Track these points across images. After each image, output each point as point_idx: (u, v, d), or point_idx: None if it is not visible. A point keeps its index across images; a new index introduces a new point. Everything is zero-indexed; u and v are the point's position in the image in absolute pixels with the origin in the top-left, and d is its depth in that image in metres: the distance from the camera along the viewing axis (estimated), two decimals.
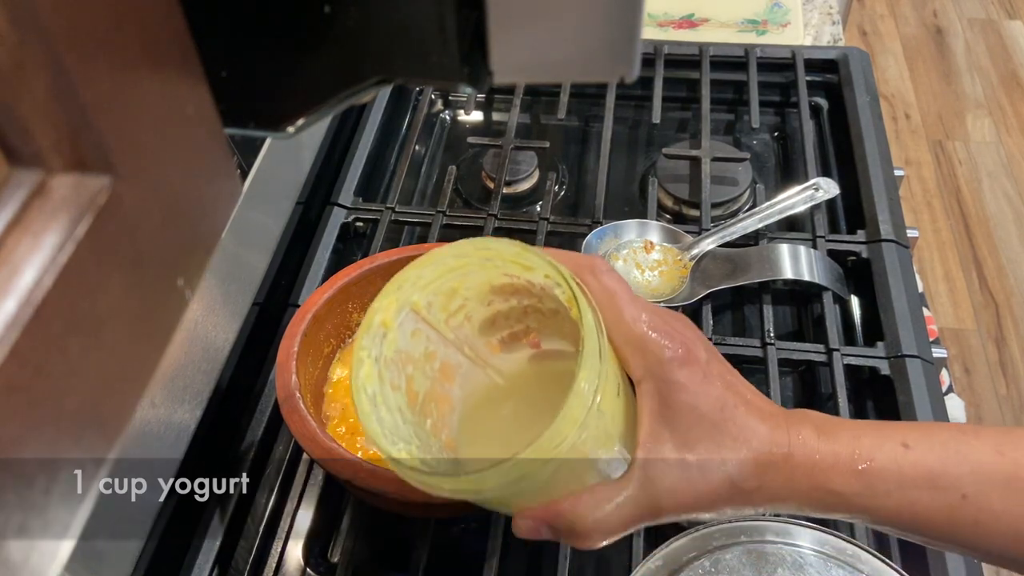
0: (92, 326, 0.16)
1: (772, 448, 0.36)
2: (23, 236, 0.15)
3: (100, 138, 0.16)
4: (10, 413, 0.14)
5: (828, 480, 0.36)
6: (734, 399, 0.37)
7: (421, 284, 0.41)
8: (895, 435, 0.37)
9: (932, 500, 0.36)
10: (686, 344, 0.37)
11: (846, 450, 0.37)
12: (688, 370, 0.37)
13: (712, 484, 0.36)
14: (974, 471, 0.36)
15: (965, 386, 1.68)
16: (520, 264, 0.40)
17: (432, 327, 0.42)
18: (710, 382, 0.37)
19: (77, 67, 0.15)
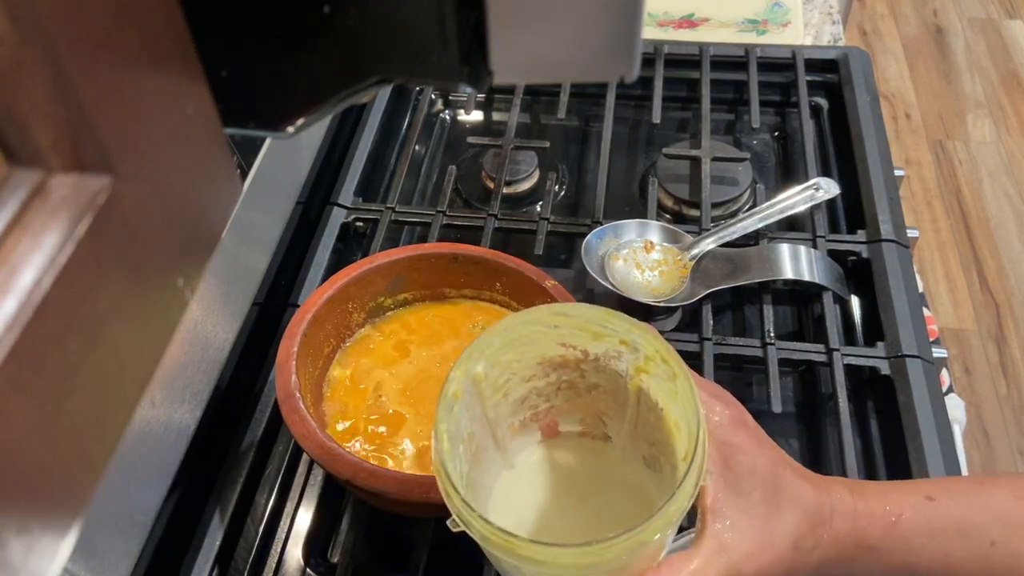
0: (92, 326, 0.16)
1: (820, 506, 0.37)
2: (23, 236, 0.15)
3: (100, 138, 0.16)
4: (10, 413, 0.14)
5: (866, 537, 0.37)
6: (783, 461, 0.38)
7: (488, 352, 0.40)
8: (918, 490, 0.38)
9: (963, 549, 0.37)
10: (737, 408, 0.39)
11: (878, 507, 0.37)
12: (744, 433, 0.38)
13: (781, 547, 0.36)
14: (997, 518, 0.37)
15: (965, 386, 1.68)
16: (591, 331, 0.40)
17: (480, 403, 0.42)
18: (762, 444, 0.38)
19: (77, 67, 0.15)
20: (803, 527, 0.36)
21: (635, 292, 0.70)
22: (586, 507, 0.44)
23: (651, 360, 0.39)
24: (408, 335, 0.65)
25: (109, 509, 0.53)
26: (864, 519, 0.37)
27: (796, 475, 0.38)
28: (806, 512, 0.37)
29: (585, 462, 0.45)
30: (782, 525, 0.36)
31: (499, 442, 0.44)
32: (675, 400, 0.38)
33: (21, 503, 0.15)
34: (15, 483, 0.14)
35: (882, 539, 0.37)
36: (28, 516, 0.15)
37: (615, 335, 0.40)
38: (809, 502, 0.37)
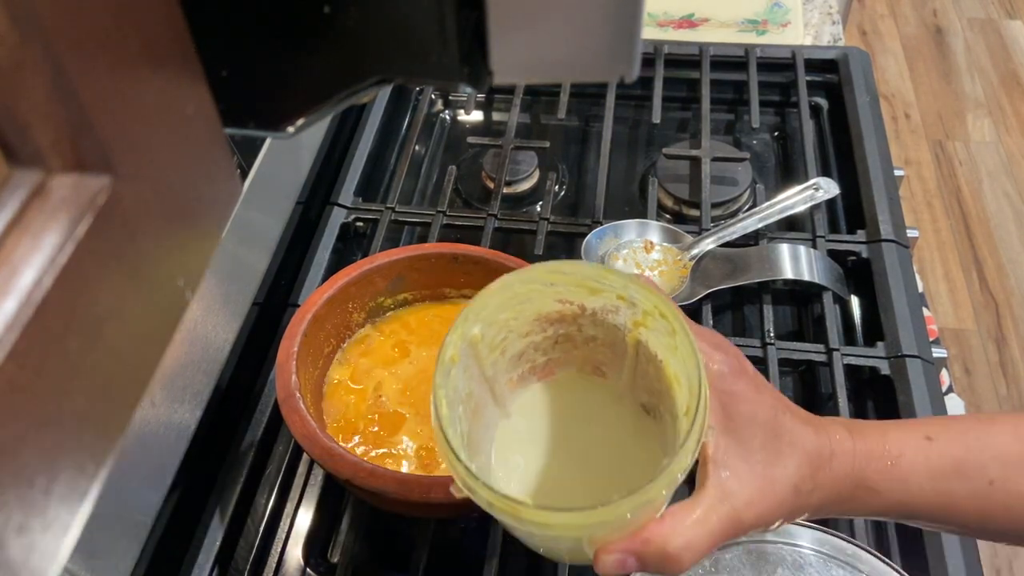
0: (92, 326, 0.16)
1: (820, 449, 0.37)
2: (23, 236, 0.15)
3: (100, 138, 0.16)
4: (10, 413, 0.14)
5: (866, 478, 0.37)
6: (782, 406, 0.38)
7: (484, 314, 0.40)
8: (917, 430, 0.38)
9: (962, 488, 0.37)
10: (737, 356, 0.38)
11: (877, 447, 0.38)
12: (744, 381, 0.37)
13: (781, 492, 0.36)
14: (996, 456, 0.37)
15: (965, 386, 1.68)
16: (588, 286, 0.40)
17: (477, 363, 0.42)
18: (762, 391, 0.38)
19: (77, 67, 0.15)
20: (803, 471, 0.37)
21: None
22: (585, 453, 0.44)
23: (649, 315, 0.39)
24: (408, 335, 0.65)
25: (109, 509, 0.53)
26: (863, 460, 0.37)
27: (796, 419, 0.38)
28: (806, 456, 0.37)
29: (582, 404, 0.45)
30: (782, 470, 0.36)
31: (498, 397, 0.44)
32: (674, 354, 0.38)
33: (22, 503, 0.15)
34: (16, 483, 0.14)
35: (881, 479, 0.37)
36: (29, 516, 0.15)
37: (612, 290, 0.40)
38: (809, 446, 0.37)
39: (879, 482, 0.37)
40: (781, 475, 0.36)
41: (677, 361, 0.38)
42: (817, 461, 0.37)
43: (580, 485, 0.42)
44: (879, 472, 0.37)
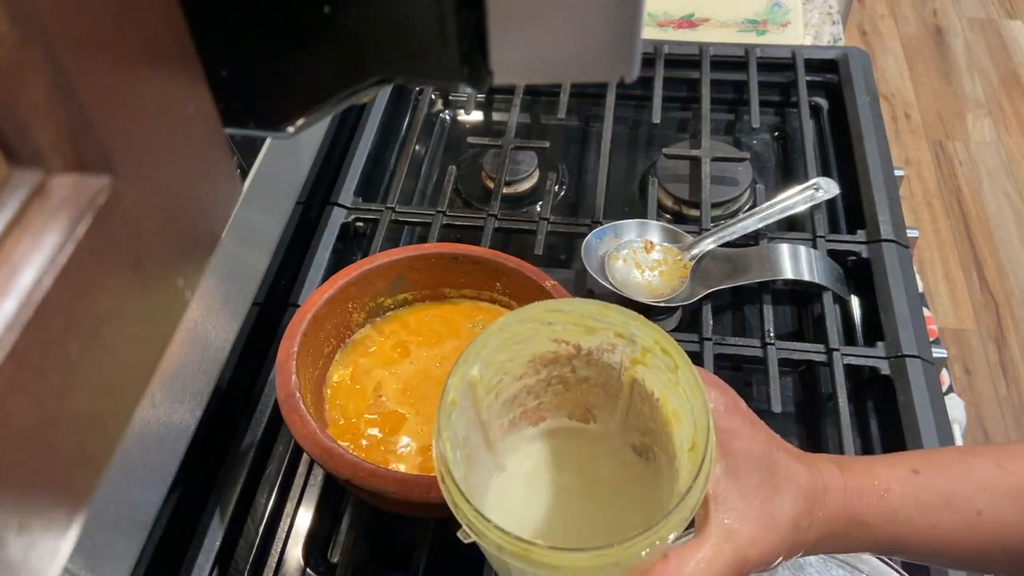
0: (92, 326, 0.16)
1: (814, 485, 0.38)
2: (23, 236, 0.15)
3: (100, 138, 0.16)
4: (10, 413, 0.14)
5: (857, 513, 0.38)
6: (776, 443, 0.39)
7: (484, 354, 0.40)
8: (903, 464, 0.39)
9: (951, 521, 0.37)
10: (731, 394, 0.39)
11: (865, 482, 0.38)
12: (739, 419, 0.38)
13: (782, 529, 0.36)
14: (982, 487, 0.37)
15: (965, 386, 1.68)
16: (585, 325, 0.40)
17: (474, 406, 0.41)
18: (756, 429, 0.38)
19: (77, 67, 0.15)
20: (800, 507, 0.37)
21: (635, 292, 0.70)
22: (579, 497, 0.44)
23: (649, 351, 0.39)
24: (408, 335, 0.65)
25: (109, 509, 0.53)
26: (854, 496, 0.38)
27: (789, 456, 0.39)
28: (802, 492, 0.37)
29: (574, 453, 0.45)
30: (780, 507, 0.36)
31: (490, 443, 0.44)
32: (674, 390, 0.38)
33: (21, 503, 0.15)
34: (15, 483, 0.14)
35: (872, 514, 0.38)
36: (28, 516, 0.15)
37: (610, 328, 0.40)
38: (804, 482, 0.37)
39: (870, 516, 0.38)
40: (780, 512, 0.36)
41: (677, 397, 0.38)
42: (812, 496, 0.37)
43: (576, 529, 0.42)
44: (869, 506, 0.38)
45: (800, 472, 0.38)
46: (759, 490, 0.36)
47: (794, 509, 0.37)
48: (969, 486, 0.38)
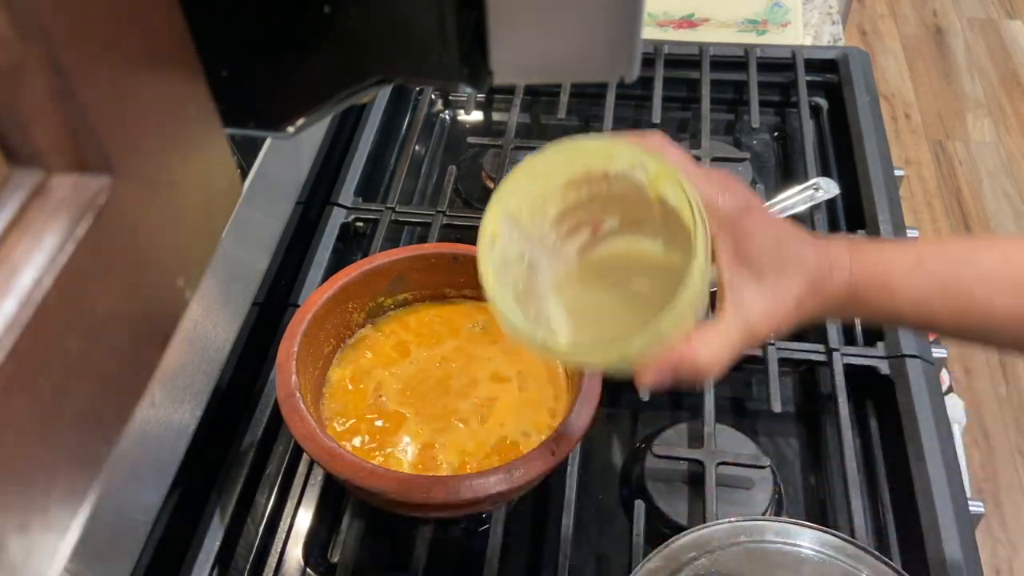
0: (92, 326, 0.16)
1: (820, 268, 0.43)
2: (23, 236, 0.15)
3: (100, 138, 0.16)
4: (10, 413, 0.14)
5: (859, 292, 0.43)
6: (786, 235, 0.44)
7: (516, 191, 0.45)
8: (911, 252, 0.43)
9: (944, 306, 0.42)
10: (746, 196, 0.43)
11: (872, 266, 0.43)
12: (751, 218, 0.43)
13: (787, 306, 0.43)
14: (981, 280, 0.42)
15: (965, 386, 1.68)
16: (603, 155, 0.44)
17: (521, 229, 0.46)
18: (767, 224, 0.43)
19: (77, 67, 0.15)
20: (804, 288, 0.43)
21: None
22: (634, 293, 0.48)
23: (658, 177, 0.43)
24: (408, 335, 0.65)
25: (109, 509, 0.53)
26: (858, 277, 0.43)
27: (800, 243, 0.43)
28: (808, 275, 0.43)
29: (629, 252, 0.49)
30: (787, 288, 0.43)
31: (551, 251, 0.48)
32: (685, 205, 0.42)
33: (22, 503, 0.15)
34: (15, 483, 0.14)
35: (872, 295, 0.43)
36: (29, 516, 0.15)
37: (624, 157, 0.43)
38: (811, 266, 0.43)
39: (870, 297, 0.43)
40: (786, 292, 0.43)
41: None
42: (817, 277, 0.43)
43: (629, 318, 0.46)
44: (870, 288, 0.43)
45: (808, 257, 0.43)
46: (770, 277, 0.42)
47: (799, 289, 0.43)
48: (968, 278, 0.42)
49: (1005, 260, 0.41)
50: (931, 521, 0.58)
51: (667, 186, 0.42)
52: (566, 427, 0.54)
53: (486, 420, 0.59)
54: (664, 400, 0.69)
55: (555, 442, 0.53)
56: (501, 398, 0.60)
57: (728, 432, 0.64)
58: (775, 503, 0.61)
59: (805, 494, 0.64)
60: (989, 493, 1.54)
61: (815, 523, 0.52)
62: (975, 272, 0.42)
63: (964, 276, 0.42)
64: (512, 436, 0.58)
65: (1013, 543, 1.48)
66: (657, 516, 0.60)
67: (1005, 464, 1.58)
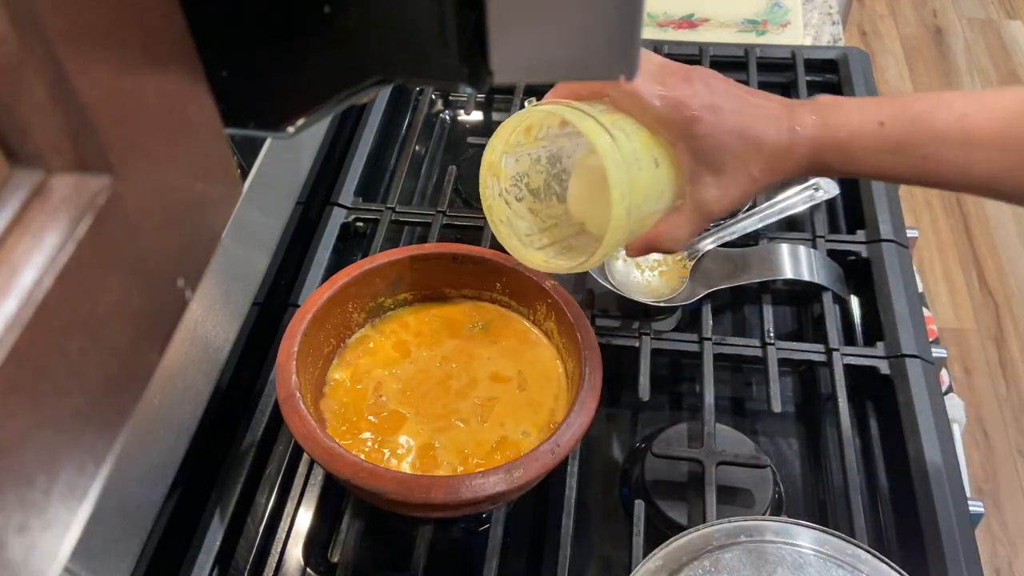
0: (92, 326, 0.16)
1: (778, 148, 0.48)
2: (23, 236, 0.15)
3: (100, 138, 0.16)
4: (10, 413, 0.14)
5: (821, 157, 0.49)
6: (744, 124, 0.48)
7: (505, 137, 0.53)
8: (873, 115, 0.47)
9: (900, 163, 0.47)
10: (697, 105, 0.47)
11: (835, 132, 0.47)
12: (702, 124, 0.47)
13: (740, 186, 0.49)
14: (935, 139, 0.45)
15: (965, 386, 1.68)
16: (553, 118, 0.52)
17: (527, 148, 0.55)
18: (722, 122, 0.47)
19: (77, 67, 0.15)
20: (761, 166, 0.48)
21: (635, 292, 0.70)
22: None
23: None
24: (408, 335, 0.65)
25: (109, 509, 0.53)
26: (821, 145, 0.48)
27: (757, 126, 0.48)
28: (767, 154, 0.48)
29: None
30: (743, 172, 0.48)
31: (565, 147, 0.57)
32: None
33: (22, 503, 0.15)
34: (16, 482, 0.14)
35: (833, 159, 0.48)
36: (29, 515, 0.15)
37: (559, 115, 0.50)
38: (770, 145, 0.48)
39: (831, 160, 0.48)
40: (742, 175, 0.48)
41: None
42: (776, 154, 0.48)
43: None
44: (832, 153, 0.48)
45: (768, 139, 0.48)
46: (724, 166, 0.48)
47: (756, 170, 0.48)
48: (924, 137, 0.45)
49: (958, 119, 0.45)
50: (931, 521, 0.58)
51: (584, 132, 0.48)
52: (566, 427, 0.54)
53: (486, 420, 0.59)
54: (664, 400, 0.69)
55: (556, 442, 0.53)
56: (501, 398, 0.60)
57: (728, 432, 0.64)
58: (775, 503, 0.61)
59: (805, 494, 0.64)
60: (989, 493, 1.54)
61: (815, 523, 0.52)
62: (930, 131, 0.45)
63: (920, 135, 0.45)
64: (512, 436, 0.58)
65: (1013, 543, 1.48)
66: (657, 516, 0.60)
67: (1005, 464, 1.58)
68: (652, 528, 0.59)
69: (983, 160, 0.45)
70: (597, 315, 0.71)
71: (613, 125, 0.48)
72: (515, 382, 0.61)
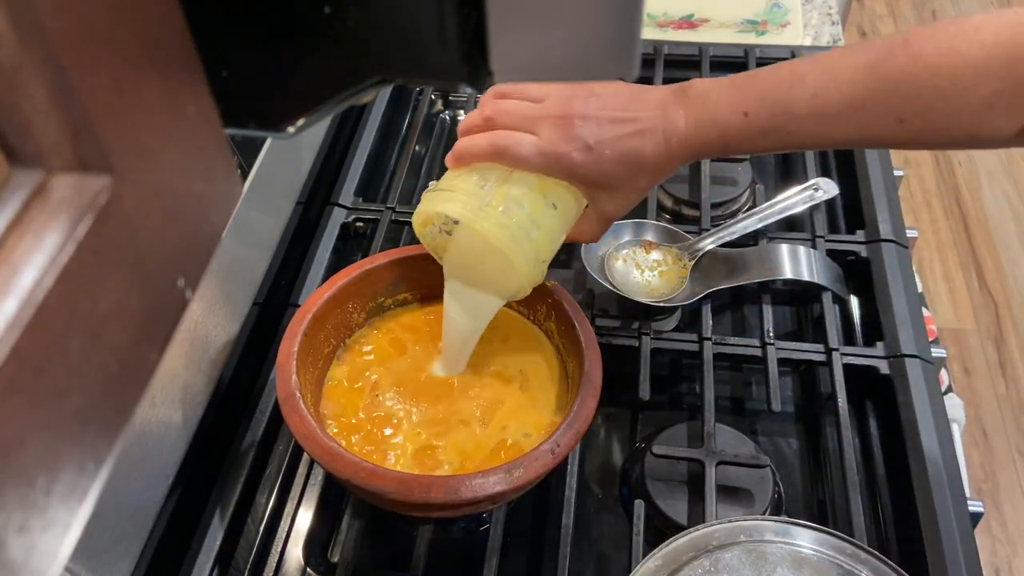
0: (92, 326, 0.16)
1: (658, 160, 0.53)
2: (24, 236, 0.15)
3: (100, 138, 0.16)
4: (10, 413, 0.14)
5: (699, 152, 0.54)
6: (621, 150, 0.53)
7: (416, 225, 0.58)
8: (739, 107, 0.51)
9: (768, 143, 0.52)
10: (575, 152, 0.52)
11: (711, 133, 0.52)
12: (584, 166, 0.53)
13: (634, 195, 0.56)
14: (796, 120, 0.50)
15: (965, 386, 1.68)
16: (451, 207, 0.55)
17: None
18: (602, 158, 0.53)
19: (77, 67, 0.15)
20: (648, 179, 0.55)
21: (635, 292, 0.70)
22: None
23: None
24: (407, 334, 0.65)
25: (109, 509, 0.53)
26: (697, 144, 0.53)
27: (635, 147, 0.53)
28: (650, 170, 0.54)
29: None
30: (632, 185, 0.55)
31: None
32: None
33: (22, 503, 0.15)
34: (16, 483, 0.14)
35: (710, 151, 0.54)
36: (29, 515, 0.15)
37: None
38: (651, 162, 0.53)
39: (710, 151, 0.54)
40: (632, 189, 0.56)
41: None
42: (658, 165, 0.54)
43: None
44: (708, 147, 0.53)
45: (648, 158, 0.53)
46: (614, 188, 0.55)
47: (645, 182, 0.55)
48: (785, 120, 0.50)
49: (811, 98, 0.50)
50: (931, 521, 0.58)
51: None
52: (566, 427, 0.54)
53: (487, 420, 0.59)
54: (664, 400, 0.69)
55: (556, 442, 0.53)
56: (502, 398, 0.60)
57: (728, 432, 0.64)
58: (775, 503, 0.61)
59: (805, 494, 0.64)
60: (988, 493, 1.54)
61: (815, 523, 0.52)
62: (789, 115, 0.50)
63: (781, 120, 0.51)
64: (513, 436, 0.58)
65: (1013, 543, 1.49)
66: (657, 516, 0.60)
67: (1004, 464, 1.58)
68: (652, 528, 0.60)
69: (839, 129, 0.50)
70: (597, 315, 0.71)
71: (507, 198, 0.53)
72: (517, 382, 0.62)
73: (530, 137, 0.53)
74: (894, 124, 0.49)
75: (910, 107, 0.48)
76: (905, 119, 0.49)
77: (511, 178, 0.54)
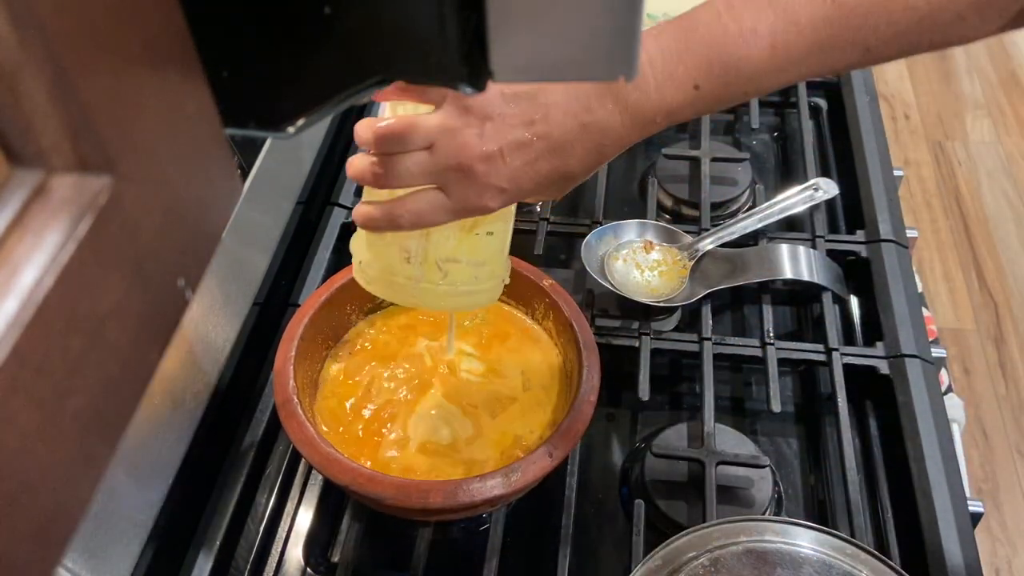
0: (92, 326, 0.16)
1: (587, 165, 0.48)
2: (24, 236, 0.15)
3: (100, 138, 0.16)
4: (11, 413, 0.14)
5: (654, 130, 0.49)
6: (543, 176, 0.47)
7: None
8: (688, 82, 0.47)
9: (720, 107, 0.49)
10: (488, 198, 0.46)
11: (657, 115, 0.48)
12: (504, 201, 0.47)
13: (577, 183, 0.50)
14: (752, 79, 0.47)
15: (964, 386, 1.68)
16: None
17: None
18: (520, 189, 0.47)
19: (77, 67, 0.15)
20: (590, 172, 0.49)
21: (635, 292, 0.70)
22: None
23: None
24: (404, 332, 0.65)
25: (109, 509, 0.53)
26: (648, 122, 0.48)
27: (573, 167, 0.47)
28: (587, 173, 0.49)
29: None
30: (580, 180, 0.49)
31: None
32: None
33: (22, 503, 0.15)
34: (16, 483, 0.14)
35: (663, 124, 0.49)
36: (29, 516, 0.15)
37: None
38: (585, 174, 0.49)
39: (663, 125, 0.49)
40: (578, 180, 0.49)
41: None
42: (592, 168, 0.49)
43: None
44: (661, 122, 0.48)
45: (573, 174, 0.48)
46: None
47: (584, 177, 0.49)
48: (740, 83, 0.47)
49: (769, 49, 0.46)
50: (931, 521, 0.58)
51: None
52: (565, 428, 0.54)
53: (486, 419, 0.59)
54: (664, 400, 0.69)
55: (554, 444, 0.53)
56: (502, 396, 0.60)
57: (728, 432, 0.64)
58: (775, 503, 0.61)
59: (805, 494, 0.64)
60: (988, 493, 1.54)
61: (815, 523, 0.52)
62: (744, 77, 0.47)
63: (735, 83, 0.47)
64: (513, 436, 0.58)
65: (1013, 543, 1.49)
66: (657, 516, 0.60)
67: (1004, 464, 1.58)
68: (652, 528, 0.59)
69: (799, 74, 0.47)
70: (597, 315, 0.71)
71: (439, 260, 0.50)
72: (518, 382, 0.62)
73: (435, 198, 0.46)
74: (860, 54, 0.46)
75: (880, 35, 0.45)
76: (872, 47, 0.46)
77: (432, 236, 0.49)
